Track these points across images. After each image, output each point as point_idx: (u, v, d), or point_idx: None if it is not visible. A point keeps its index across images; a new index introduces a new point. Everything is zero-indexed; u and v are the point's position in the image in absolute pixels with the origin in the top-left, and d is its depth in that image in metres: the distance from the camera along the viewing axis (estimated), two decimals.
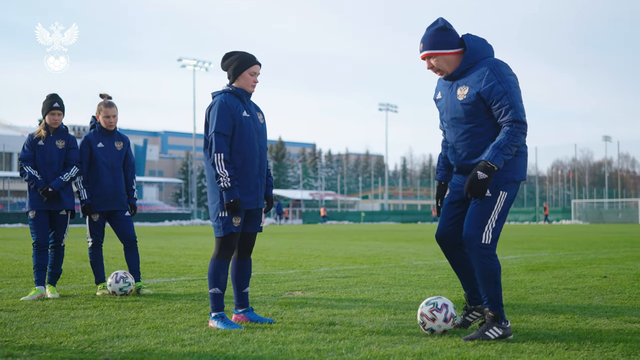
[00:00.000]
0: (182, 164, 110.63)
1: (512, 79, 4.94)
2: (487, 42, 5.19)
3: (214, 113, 5.55)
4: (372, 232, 33.86)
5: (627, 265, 11.26)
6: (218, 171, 5.45)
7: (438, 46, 5.08)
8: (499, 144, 4.83)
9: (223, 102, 5.57)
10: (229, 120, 5.53)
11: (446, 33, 5.09)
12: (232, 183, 5.43)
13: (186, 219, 69.71)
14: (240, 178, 5.55)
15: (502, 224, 5.03)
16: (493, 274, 4.97)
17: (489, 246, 4.98)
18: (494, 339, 4.88)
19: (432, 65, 5.15)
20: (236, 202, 5.44)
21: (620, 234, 28.43)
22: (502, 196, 5.00)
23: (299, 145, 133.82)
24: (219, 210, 5.53)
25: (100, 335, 5.14)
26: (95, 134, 7.87)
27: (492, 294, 4.97)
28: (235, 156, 5.56)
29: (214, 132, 5.50)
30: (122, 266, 10.81)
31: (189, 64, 69.21)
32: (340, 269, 10.94)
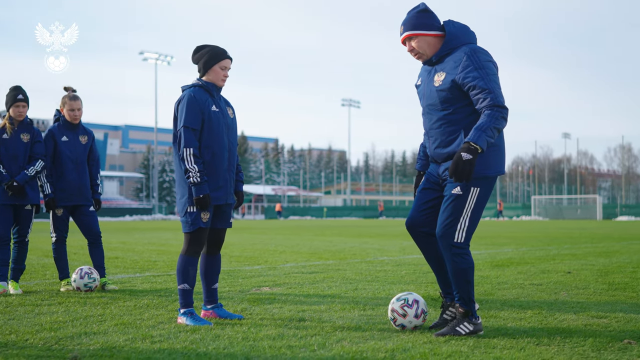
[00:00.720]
0: (144, 158, 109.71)
1: (489, 65, 4.85)
2: (470, 29, 5.11)
3: (182, 107, 5.48)
4: (335, 228, 33.91)
5: (590, 261, 11.40)
6: (187, 166, 5.38)
7: (419, 27, 5.02)
8: (481, 125, 4.71)
9: (192, 96, 5.50)
10: (197, 114, 5.47)
11: (428, 15, 5.06)
12: (201, 178, 5.37)
13: (147, 214, 69.25)
14: (209, 173, 5.49)
15: (476, 221, 4.96)
16: (465, 272, 4.93)
17: (462, 245, 4.93)
18: (465, 335, 4.88)
19: (413, 48, 5.07)
20: (205, 198, 5.38)
21: (580, 230, 28.85)
22: (473, 193, 4.91)
23: (262, 140, 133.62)
24: (187, 205, 5.46)
25: (67, 332, 5.04)
26: (60, 128, 7.73)
27: (463, 291, 4.95)
28: (204, 151, 5.49)
29: (183, 127, 5.42)
30: (85, 262, 10.68)
31: (150, 58, 68.64)
32: (306, 265, 10.92)
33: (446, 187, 5.02)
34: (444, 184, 5.11)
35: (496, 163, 4.95)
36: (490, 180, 4.99)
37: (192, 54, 5.71)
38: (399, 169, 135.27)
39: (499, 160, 4.97)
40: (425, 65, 5.21)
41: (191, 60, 5.73)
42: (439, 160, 5.11)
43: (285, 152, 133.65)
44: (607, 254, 13.13)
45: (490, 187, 5.02)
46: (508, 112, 4.82)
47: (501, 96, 4.82)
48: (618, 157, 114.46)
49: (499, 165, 4.95)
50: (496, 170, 4.95)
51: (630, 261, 11.37)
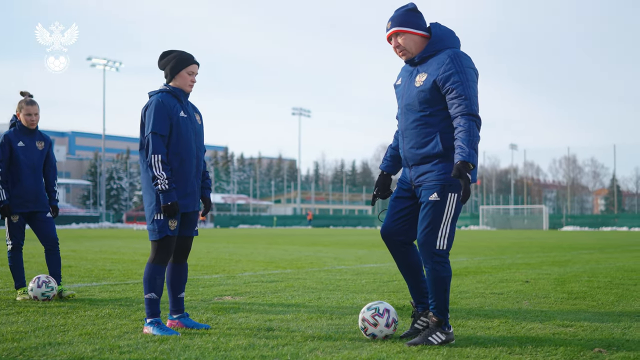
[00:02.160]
0: (91, 165, 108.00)
1: (470, 72, 4.87)
2: (455, 34, 5.12)
3: (150, 113, 5.38)
4: (287, 237, 33.81)
5: (545, 270, 11.53)
6: (155, 173, 5.28)
7: (407, 24, 5.03)
8: (468, 142, 4.70)
9: (160, 101, 5.40)
10: (166, 120, 5.37)
11: (416, 14, 5.07)
12: (169, 185, 5.27)
13: (94, 222, 68.25)
14: (177, 180, 5.40)
15: (454, 227, 4.98)
16: (444, 281, 4.94)
17: (443, 252, 4.94)
18: (437, 344, 4.87)
19: (399, 44, 5.06)
20: (173, 205, 5.29)
21: (529, 240, 29.27)
22: (451, 199, 4.91)
23: (211, 148, 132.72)
24: (154, 213, 5.36)
25: (31, 342, 4.89)
26: (16, 133, 7.54)
27: (440, 300, 4.94)
28: (172, 157, 5.39)
29: (151, 133, 5.32)
30: (39, 270, 10.43)
31: (99, 64, 67.71)
32: (264, 274, 10.84)
33: (422, 194, 5.01)
34: (416, 190, 5.10)
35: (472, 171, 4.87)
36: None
37: (158, 60, 5.62)
38: (349, 178, 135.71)
39: (475, 170, 4.90)
40: (406, 65, 5.22)
41: (157, 65, 5.63)
42: (410, 161, 5.09)
43: (235, 160, 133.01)
44: (560, 263, 13.31)
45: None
46: (480, 120, 4.84)
47: (476, 105, 4.83)
48: (563, 168, 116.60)
49: (473, 174, 4.89)
50: (473, 178, 4.90)
51: (584, 270, 11.55)
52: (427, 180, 4.97)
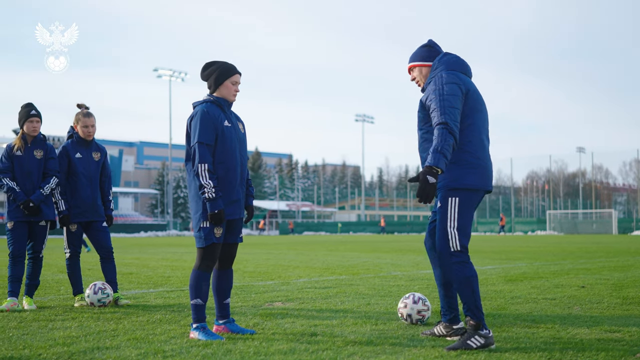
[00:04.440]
0: (158, 174, 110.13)
1: (447, 87, 5.13)
2: (459, 59, 5.42)
3: (196, 123, 5.51)
4: (349, 243, 33.86)
5: (604, 275, 11.33)
6: (202, 181, 5.40)
7: (417, 59, 5.56)
8: (435, 147, 4.96)
9: (205, 111, 5.53)
10: (211, 130, 5.50)
11: (427, 50, 5.55)
12: (216, 194, 5.40)
13: (162, 230, 69.42)
14: (223, 188, 5.52)
15: (464, 229, 5.13)
16: (468, 280, 5.05)
17: (458, 252, 5.09)
18: (476, 348, 4.89)
19: (414, 77, 5.59)
20: (220, 213, 5.40)
21: (596, 245, 28.67)
22: (452, 202, 5.14)
23: (276, 155, 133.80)
24: (201, 221, 5.48)
25: (80, 346, 5.07)
26: (73, 144, 7.79)
27: (470, 301, 5.02)
28: (217, 166, 5.52)
29: (197, 142, 5.45)
30: (99, 277, 10.72)
31: (165, 74, 69.09)
32: (319, 280, 10.92)
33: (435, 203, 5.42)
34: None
35: (468, 177, 5.14)
36: (470, 192, 5.18)
37: (201, 71, 5.74)
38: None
39: (475, 175, 5.17)
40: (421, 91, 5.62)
41: (200, 77, 5.75)
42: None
43: (299, 167, 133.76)
44: (622, 269, 13.05)
45: (473, 198, 5.21)
46: (451, 128, 5.00)
47: (445, 114, 5.03)
48: (633, 171, 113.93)
49: (474, 179, 5.15)
50: (470, 184, 5.14)
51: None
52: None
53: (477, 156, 5.20)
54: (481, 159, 5.22)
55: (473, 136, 5.20)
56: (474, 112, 5.24)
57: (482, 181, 5.20)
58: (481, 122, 5.30)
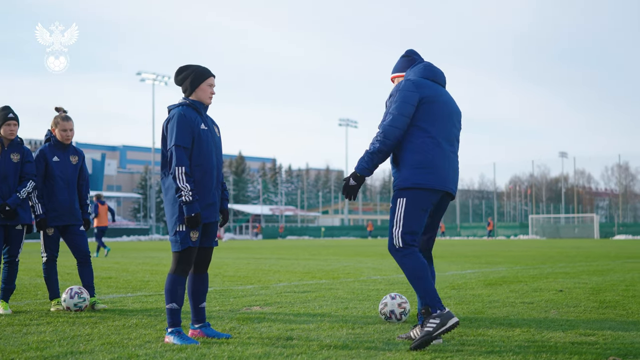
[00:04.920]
0: (141, 178, 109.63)
1: (401, 94, 5.39)
2: (429, 66, 5.63)
3: (172, 126, 5.49)
4: (332, 247, 33.86)
5: (583, 279, 11.39)
6: (179, 185, 5.38)
7: (397, 70, 5.86)
8: (364, 154, 5.39)
9: (182, 114, 5.51)
10: (188, 132, 5.48)
11: (405, 59, 5.83)
12: (193, 197, 5.38)
13: (144, 234, 69.10)
14: (199, 192, 5.50)
15: (410, 227, 5.32)
16: (414, 270, 5.26)
17: (402, 248, 5.32)
18: (435, 330, 4.99)
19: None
20: (197, 216, 5.39)
21: (577, 249, 28.83)
22: (400, 202, 5.37)
23: (259, 160, 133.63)
24: (177, 224, 5.46)
25: (53, 351, 5.03)
26: (51, 148, 7.75)
27: (421, 290, 5.22)
28: (194, 169, 5.50)
29: (175, 145, 5.43)
30: (76, 281, 10.65)
31: (148, 78, 68.83)
32: (299, 284, 10.91)
33: None
34: None
35: (418, 176, 5.33)
36: (418, 192, 5.35)
37: (175, 75, 5.72)
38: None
39: (423, 175, 5.34)
40: None
41: (175, 81, 5.73)
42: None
43: (282, 172, 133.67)
44: (601, 273, 13.13)
45: (421, 198, 5.37)
46: (383, 134, 5.34)
47: (385, 120, 5.38)
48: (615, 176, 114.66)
49: (422, 178, 5.33)
50: (419, 183, 5.33)
51: (623, 279, 11.38)
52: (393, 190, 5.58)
53: (430, 158, 5.37)
54: (435, 161, 5.38)
55: (427, 139, 5.38)
56: (432, 117, 5.41)
57: (434, 181, 5.36)
58: (441, 127, 5.45)
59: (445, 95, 5.58)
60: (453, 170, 5.54)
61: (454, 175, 5.54)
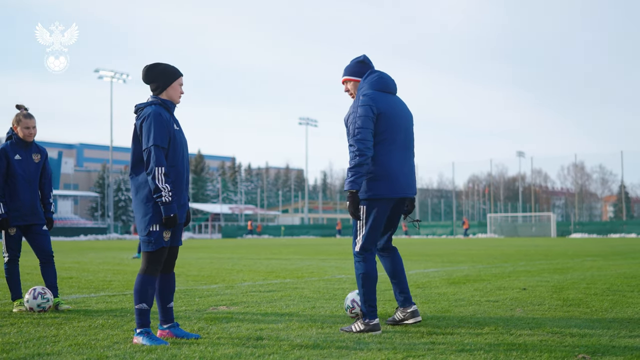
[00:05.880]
0: (99, 177, 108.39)
1: (360, 109, 5.82)
2: (382, 78, 6.04)
3: (149, 125, 5.37)
4: (293, 246, 33.84)
5: (544, 278, 11.53)
6: (159, 185, 5.28)
7: (353, 74, 6.18)
8: (347, 172, 5.81)
9: (158, 113, 5.42)
10: (165, 132, 5.41)
11: (361, 65, 6.17)
12: (172, 197, 5.32)
13: (102, 233, 68.44)
14: (174, 192, 5.44)
15: (372, 234, 5.91)
16: (365, 275, 5.88)
17: (358, 254, 5.95)
18: (355, 332, 5.75)
19: (348, 89, 6.24)
20: (175, 217, 5.34)
21: (535, 247, 29.17)
22: (362, 211, 5.92)
23: (218, 158, 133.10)
24: (151, 224, 5.38)
25: (20, 353, 4.94)
26: (12, 146, 7.60)
27: (360, 292, 5.89)
28: (169, 170, 5.43)
29: (153, 145, 5.32)
30: (38, 282, 10.48)
31: (106, 76, 68.03)
32: (263, 284, 10.87)
33: None
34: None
35: (374, 187, 5.86)
36: (374, 201, 5.90)
37: (145, 72, 5.61)
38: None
39: (377, 185, 5.86)
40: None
41: (143, 79, 5.63)
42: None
43: (242, 170, 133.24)
44: (562, 271, 13.30)
45: (379, 206, 5.92)
46: (358, 150, 5.76)
47: (355, 136, 5.78)
48: (571, 175, 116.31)
49: (376, 189, 5.86)
50: (378, 194, 5.86)
51: (584, 277, 11.54)
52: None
53: (386, 169, 5.87)
54: (391, 171, 5.89)
55: (385, 150, 5.87)
56: (387, 129, 5.88)
57: (390, 191, 5.89)
58: (395, 136, 5.93)
59: (398, 105, 6.04)
60: (410, 175, 6.06)
61: (411, 180, 6.06)
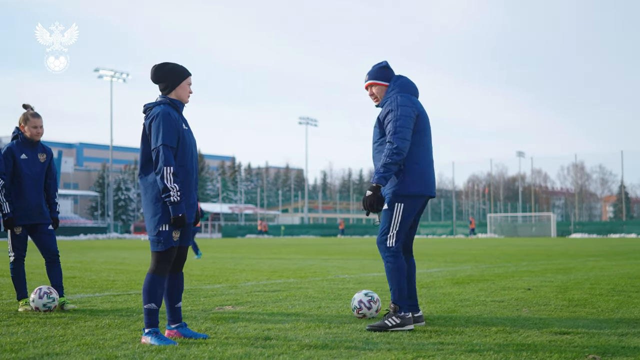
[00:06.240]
0: (98, 176, 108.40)
1: (401, 109, 6.09)
2: (410, 82, 6.40)
3: (158, 125, 5.36)
4: (294, 246, 33.84)
5: (548, 278, 11.53)
6: (168, 185, 5.27)
7: (378, 78, 6.44)
8: (379, 166, 6.03)
9: (167, 113, 5.40)
10: (174, 132, 5.39)
11: (385, 70, 6.45)
12: (180, 197, 5.31)
13: (102, 233, 68.39)
14: (183, 192, 5.43)
15: (403, 230, 6.16)
16: (396, 272, 6.06)
17: (392, 247, 6.12)
18: (391, 327, 5.88)
19: (372, 93, 6.46)
20: (184, 217, 5.33)
21: (536, 247, 29.19)
22: (398, 207, 6.15)
23: (218, 158, 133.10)
24: (160, 224, 5.36)
25: (29, 353, 4.93)
26: (19, 145, 7.59)
27: (395, 288, 6.06)
28: (178, 170, 5.42)
29: (162, 145, 5.31)
30: (42, 281, 10.48)
31: (106, 75, 68.00)
32: (267, 283, 10.87)
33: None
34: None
35: (414, 185, 6.15)
36: (413, 199, 6.19)
37: (153, 72, 5.58)
38: (356, 187, 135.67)
39: (418, 183, 6.17)
40: (376, 106, 6.58)
41: (152, 78, 5.60)
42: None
43: (242, 170, 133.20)
44: (565, 271, 13.30)
45: (415, 204, 6.23)
46: (398, 148, 6.01)
47: (396, 134, 6.02)
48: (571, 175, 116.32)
49: (417, 187, 6.17)
50: (414, 191, 6.15)
51: (587, 278, 11.53)
52: (384, 192, 6.25)
53: (424, 168, 6.21)
54: (426, 170, 6.24)
55: (419, 150, 6.18)
56: (422, 130, 6.22)
57: (425, 189, 6.21)
58: (428, 138, 6.30)
59: (424, 109, 6.34)
60: (434, 174, 6.40)
61: (434, 179, 6.38)
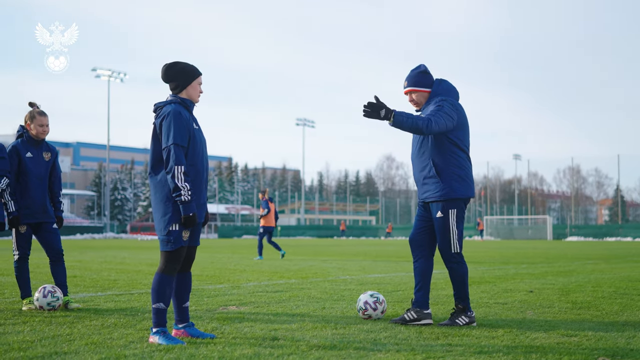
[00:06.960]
0: (95, 176, 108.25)
1: (445, 104, 6.27)
2: (453, 89, 6.55)
3: (169, 124, 5.34)
4: (290, 247, 33.84)
5: (549, 280, 11.54)
6: (179, 184, 5.26)
7: (419, 85, 6.51)
8: (410, 115, 6.08)
9: (178, 112, 5.39)
10: (185, 131, 5.38)
11: (425, 76, 6.53)
12: (191, 197, 5.30)
13: (99, 232, 68.34)
14: (193, 191, 5.42)
15: (461, 234, 6.44)
16: (463, 276, 6.41)
17: (457, 254, 6.41)
18: (462, 325, 6.23)
19: (413, 99, 6.57)
20: (194, 216, 5.31)
21: (533, 250, 29.24)
22: (452, 213, 6.37)
23: (215, 158, 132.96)
24: (170, 224, 5.34)
25: (37, 351, 4.92)
26: (24, 143, 7.57)
27: (461, 291, 6.38)
28: (189, 169, 5.41)
29: (173, 144, 5.30)
30: (46, 280, 10.47)
31: (103, 75, 67.92)
32: (269, 284, 10.86)
33: (432, 209, 6.47)
34: (426, 206, 6.55)
35: (461, 188, 6.37)
36: (462, 202, 6.43)
37: (164, 71, 5.58)
38: (353, 188, 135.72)
39: (464, 186, 6.39)
40: (416, 111, 6.68)
41: (163, 77, 5.58)
42: (418, 183, 6.54)
43: (239, 170, 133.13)
44: (565, 273, 13.32)
45: (464, 207, 6.49)
46: (431, 122, 6.10)
47: (435, 121, 6.11)
48: (567, 178, 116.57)
49: (464, 190, 6.40)
50: (462, 194, 6.38)
51: (588, 280, 11.55)
52: (429, 197, 6.40)
53: (468, 172, 6.45)
54: (470, 173, 6.47)
55: (464, 155, 6.41)
56: (465, 135, 6.41)
57: (471, 191, 6.47)
58: (469, 142, 6.51)
59: (464, 111, 6.47)
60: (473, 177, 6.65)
61: (473, 181, 6.64)
